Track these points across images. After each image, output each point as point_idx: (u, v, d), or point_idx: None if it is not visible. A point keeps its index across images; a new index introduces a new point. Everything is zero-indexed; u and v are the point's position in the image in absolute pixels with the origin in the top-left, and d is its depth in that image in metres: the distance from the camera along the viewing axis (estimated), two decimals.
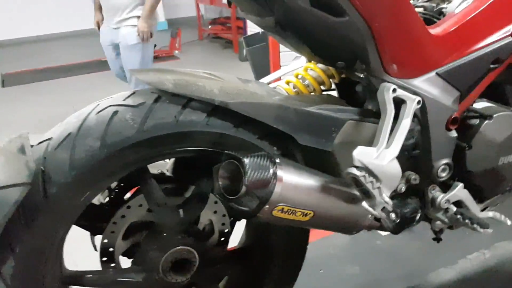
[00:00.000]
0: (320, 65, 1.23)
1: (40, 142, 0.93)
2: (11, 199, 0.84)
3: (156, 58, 4.70)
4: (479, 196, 1.24)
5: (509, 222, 1.23)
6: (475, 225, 1.14)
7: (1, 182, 0.84)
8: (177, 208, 1.05)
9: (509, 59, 1.13)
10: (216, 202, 1.10)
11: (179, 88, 0.95)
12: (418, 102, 1.06)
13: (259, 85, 1.15)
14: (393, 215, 1.02)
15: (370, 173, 0.95)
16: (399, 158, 1.02)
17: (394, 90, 1.04)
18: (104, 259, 1.06)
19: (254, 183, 0.89)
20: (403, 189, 1.13)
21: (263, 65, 2.71)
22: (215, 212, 1.11)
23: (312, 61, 1.25)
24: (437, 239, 1.34)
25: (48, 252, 0.92)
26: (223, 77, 1.08)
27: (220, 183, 0.95)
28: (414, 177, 1.13)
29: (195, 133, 0.96)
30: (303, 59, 1.35)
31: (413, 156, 1.13)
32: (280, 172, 0.91)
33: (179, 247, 1.04)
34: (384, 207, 0.97)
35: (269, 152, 0.97)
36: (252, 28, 5.32)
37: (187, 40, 6.54)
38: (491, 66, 1.12)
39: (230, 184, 0.95)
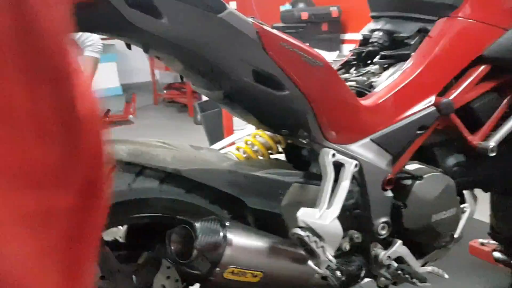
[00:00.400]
0: (268, 132, 1.33)
1: None
2: None
3: (111, 123, 4.74)
4: (418, 251, 1.33)
5: (446, 276, 1.32)
6: (414, 280, 1.22)
7: None
8: (131, 275, 1.07)
9: (433, 125, 1.26)
10: (168, 267, 1.13)
11: (133, 157, 1.01)
12: (356, 165, 1.16)
13: (210, 152, 1.23)
14: (338, 273, 1.08)
15: (314, 233, 1.02)
16: (341, 217, 1.10)
17: (333, 155, 1.14)
18: None
19: (205, 246, 0.94)
20: (347, 247, 1.21)
21: (216, 130, 2.80)
22: (168, 277, 1.14)
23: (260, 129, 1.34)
24: None
25: None
26: (176, 146, 1.15)
27: (172, 247, 1.00)
28: (357, 236, 1.22)
29: (149, 200, 1.01)
30: (252, 127, 1.45)
31: (355, 216, 1.22)
32: (229, 235, 0.97)
33: None
34: (328, 265, 1.04)
35: (220, 216, 1.03)
36: None
37: (142, 104, 6.63)
38: (417, 132, 1.25)
39: (182, 249, 1.00)
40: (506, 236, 1.77)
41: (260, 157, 1.33)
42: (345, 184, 1.12)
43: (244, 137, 1.42)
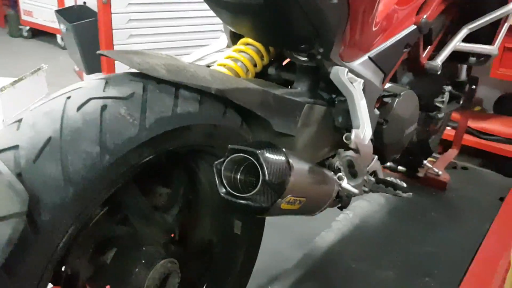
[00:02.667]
0: (252, 47, 1.19)
1: None
2: (3, 237, 0.60)
3: None
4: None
5: (404, 185, 1.44)
6: (397, 191, 1.30)
7: None
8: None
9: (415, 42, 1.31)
10: None
11: (173, 75, 0.81)
12: (362, 84, 1.14)
13: (213, 69, 1.06)
14: (365, 189, 1.09)
15: (361, 153, 0.99)
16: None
17: (347, 73, 1.09)
18: None
19: (273, 176, 0.83)
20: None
21: (90, 43, 2.42)
22: None
23: (243, 44, 1.20)
24: (342, 208, 1.48)
25: None
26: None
27: (224, 181, 0.86)
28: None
29: (194, 127, 0.84)
30: (223, 41, 1.29)
31: None
32: (291, 161, 0.87)
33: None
34: (364, 184, 1.03)
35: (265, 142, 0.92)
36: (26, 0, 4.64)
37: None
38: (404, 50, 1.28)
39: (234, 181, 0.87)
40: None
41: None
42: (363, 103, 1.09)
43: (218, 53, 1.27)
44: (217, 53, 1.28)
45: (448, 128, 2.61)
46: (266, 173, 0.82)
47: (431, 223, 1.93)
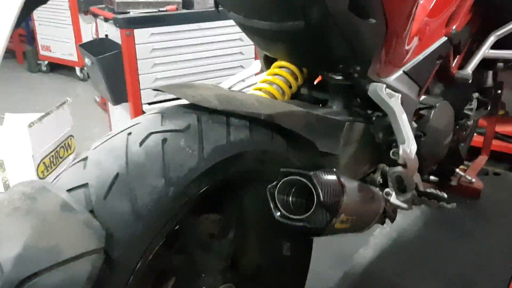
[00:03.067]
0: (286, 70, 1.22)
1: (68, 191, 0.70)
2: (83, 275, 0.61)
3: None
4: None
5: (445, 195, 1.43)
6: (441, 203, 1.29)
7: (64, 254, 0.61)
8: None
9: (448, 54, 1.32)
10: None
11: (225, 105, 0.83)
12: (400, 98, 1.15)
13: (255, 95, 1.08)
14: (412, 205, 1.09)
15: (409, 168, 1.00)
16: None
17: (385, 89, 1.11)
18: None
19: (327, 197, 0.84)
20: (380, 180, 1.22)
21: (115, 75, 2.47)
22: None
23: (277, 67, 1.22)
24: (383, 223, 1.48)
25: None
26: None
27: (278, 204, 0.87)
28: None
29: (246, 154, 0.86)
30: (256, 65, 1.31)
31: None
32: (343, 181, 0.89)
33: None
34: (413, 200, 1.04)
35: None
36: (44, 35, 4.76)
37: None
38: (437, 62, 1.29)
39: (286, 204, 0.88)
40: None
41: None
42: (405, 117, 1.10)
43: (250, 77, 1.29)
44: (251, 77, 1.30)
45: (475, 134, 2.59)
46: (321, 194, 0.83)
47: (468, 232, 1.92)
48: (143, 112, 2.66)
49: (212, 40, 2.68)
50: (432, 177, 2.08)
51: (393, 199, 1.03)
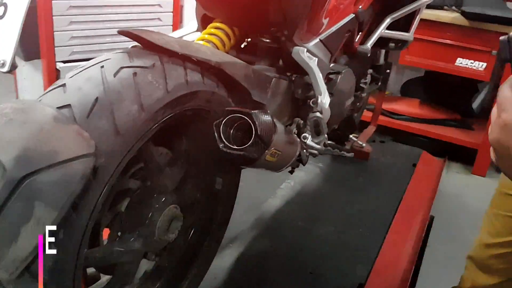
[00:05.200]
0: (221, 31, 1.38)
1: None
2: (77, 174, 0.74)
3: None
4: None
5: (346, 147, 1.71)
6: (342, 152, 1.56)
7: (61, 156, 0.73)
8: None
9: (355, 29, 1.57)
10: None
11: (184, 49, 0.98)
12: (316, 61, 1.38)
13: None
14: (326, 148, 1.33)
15: (324, 115, 1.23)
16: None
17: (306, 52, 1.32)
18: None
19: (263, 131, 1.04)
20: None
21: (29, 31, 2.42)
22: None
23: (213, 27, 1.38)
24: (292, 172, 1.72)
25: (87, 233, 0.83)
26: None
27: (222, 136, 1.04)
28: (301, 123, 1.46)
29: (199, 93, 1.01)
30: (193, 25, 1.46)
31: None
32: (275, 122, 1.08)
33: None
34: (324, 142, 1.27)
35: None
36: None
37: None
38: (346, 34, 1.54)
39: (228, 137, 1.06)
40: None
41: None
42: (321, 76, 1.32)
43: (189, 36, 1.44)
44: (188, 35, 1.44)
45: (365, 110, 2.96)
46: (259, 129, 1.02)
47: (359, 186, 2.25)
48: (57, 70, 2.65)
49: (131, 2, 2.73)
50: (329, 142, 2.38)
51: (309, 141, 1.26)
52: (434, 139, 3.17)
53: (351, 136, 2.46)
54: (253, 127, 1.03)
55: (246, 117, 1.03)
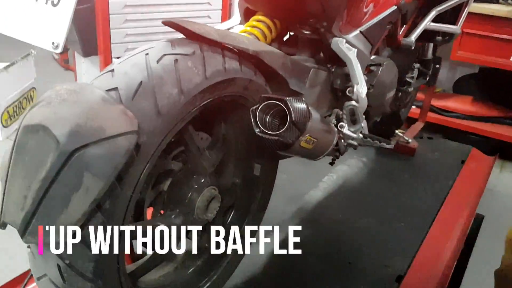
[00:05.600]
0: (263, 23, 1.43)
1: None
2: (122, 149, 0.82)
3: None
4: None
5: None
6: (383, 143, 1.57)
7: (108, 132, 0.81)
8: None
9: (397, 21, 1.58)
10: None
11: (222, 38, 1.04)
12: (355, 52, 1.40)
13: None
14: (365, 138, 1.35)
15: (360, 104, 1.25)
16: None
17: (345, 43, 1.35)
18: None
19: (297, 117, 1.08)
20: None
21: (87, 29, 2.58)
22: None
23: (255, 20, 1.43)
24: (332, 163, 1.74)
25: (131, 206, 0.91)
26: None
27: (258, 122, 1.09)
28: (340, 113, 1.49)
29: (237, 80, 1.07)
30: (236, 18, 1.52)
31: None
32: (310, 109, 1.12)
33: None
34: (361, 131, 1.30)
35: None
36: None
37: None
38: (387, 26, 1.55)
39: (265, 123, 1.11)
40: None
41: None
42: (359, 66, 1.35)
43: (231, 28, 1.50)
44: (232, 28, 1.51)
45: (414, 107, 2.92)
46: (293, 114, 1.06)
47: (403, 182, 2.23)
48: None
49: (182, 1, 2.84)
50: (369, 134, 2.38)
51: (346, 130, 1.29)
52: (486, 137, 3.08)
53: (397, 131, 2.44)
54: (287, 112, 1.07)
55: (281, 103, 1.07)
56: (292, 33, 1.45)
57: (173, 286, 1.21)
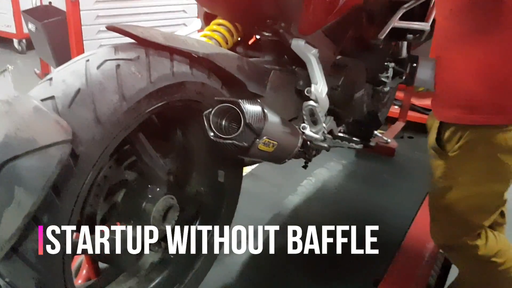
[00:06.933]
0: (223, 27, 1.40)
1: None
2: (54, 160, 0.78)
3: None
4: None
5: (355, 139, 1.68)
6: (352, 144, 1.54)
7: (39, 143, 0.77)
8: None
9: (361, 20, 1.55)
10: None
11: (169, 42, 1.01)
12: (317, 52, 1.37)
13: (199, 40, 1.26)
14: (327, 137, 1.32)
15: (319, 104, 1.22)
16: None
17: (305, 43, 1.32)
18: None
19: (252, 120, 1.04)
20: None
21: (60, 41, 2.55)
22: None
23: (216, 24, 1.40)
24: (305, 166, 1.71)
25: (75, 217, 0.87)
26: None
27: (213, 126, 1.06)
28: None
29: (187, 84, 1.04)
30: (197, 23, 1.49)
31: None
32: (265, 110, 1.09)
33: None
34: (323, 131, 1.26)
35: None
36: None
37: None
38: (351, 26, 1.52)
39: (219, 127, 1.08)
40: None
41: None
42: (319, 66, 1.32)
43: (194, 34, 1.47)
44: (192, 33, 1.48)
45: (395, 107, 2.90)
46: (247, 116, 1.03)
47: (383, 183, 2.20)
48: None
49: (157, 10, 2.82)
50: (354, 138, 2.35)
51: (308, 131, 1.25)
52: None
53: (376, 132, 2.41)
54: (241, 115, 1.03)
55: (234, 106, 1.04)
56: (257, 36, 1.42)
57: None
